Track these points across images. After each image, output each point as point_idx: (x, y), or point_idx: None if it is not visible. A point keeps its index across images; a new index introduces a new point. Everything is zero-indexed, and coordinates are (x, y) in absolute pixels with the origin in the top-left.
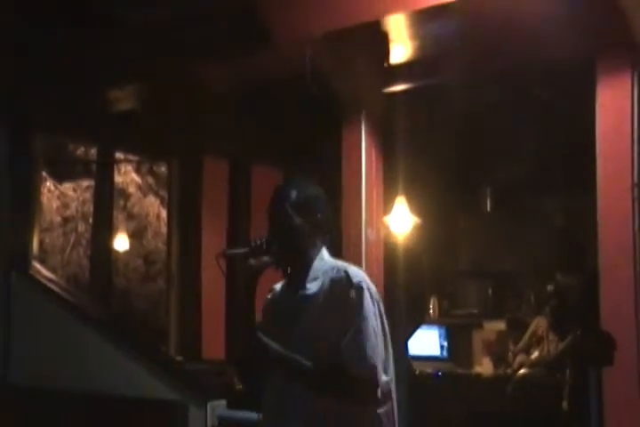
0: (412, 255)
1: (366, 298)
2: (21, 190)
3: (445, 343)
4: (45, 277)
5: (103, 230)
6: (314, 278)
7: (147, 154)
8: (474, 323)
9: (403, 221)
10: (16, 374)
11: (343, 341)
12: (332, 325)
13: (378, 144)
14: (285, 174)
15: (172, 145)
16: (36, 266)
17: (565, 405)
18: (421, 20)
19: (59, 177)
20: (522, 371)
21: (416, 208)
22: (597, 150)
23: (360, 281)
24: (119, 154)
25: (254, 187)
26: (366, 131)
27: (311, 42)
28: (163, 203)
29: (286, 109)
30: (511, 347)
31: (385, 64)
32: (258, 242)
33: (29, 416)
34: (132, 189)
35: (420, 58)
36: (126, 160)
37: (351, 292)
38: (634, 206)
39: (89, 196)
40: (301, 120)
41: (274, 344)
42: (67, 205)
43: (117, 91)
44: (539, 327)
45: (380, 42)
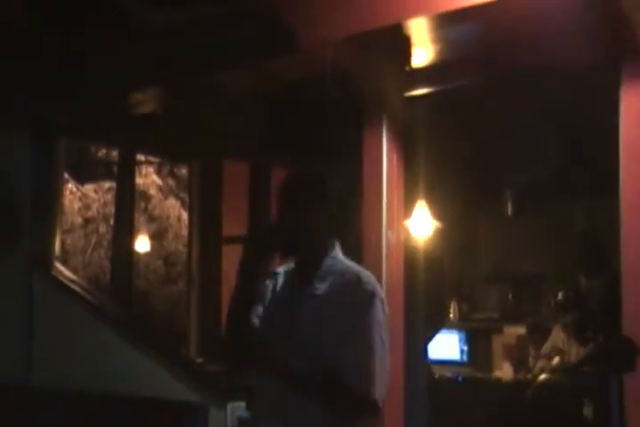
0: (432, 259)
1: (377, 307)
2: (44, 192)
3: (465, 348)
4: (67, 278)
5: (124, 232)
6: (323, 277)
7: (167, 156)
8: (494, 327)
9: (423, 224)
10: (37, 374)
11: (346, 350)
12: (337, 331)
13: (399, 148)
14: None
15: (192, 147)
16: (59, 267)
17: (586, 411)
18: (444, 24)
19: (80, 179)
20: (542, 376)
21: (436, 212)
22: (620, 152)
23: (372, 289)
24: (140, 156)
25: (274, 189)
26: (387, 134)
27: (332, 45)
28: (183, 205)
29: (307, 112)
30: (531, 352)
31: (407, 68)
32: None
33: (50, 417)
34: (152, 191)
35: (442, 61)
36: (147, 162)
37: (362, 299)
38: None
39: (110, 197)
40: (322, 123)
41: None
42: (88, 207)
43: (140, 93)
44: (558, 340)
45: (402, 45)
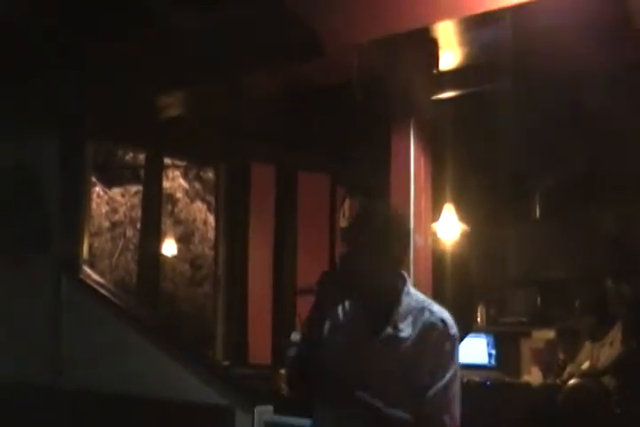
0: (460, 262)
1: (457, 349)
2: (72, 195)
3: (493, 352)
4: (95, 281)
5: (151, 235)
6: (404, 317)
7: (194, 160)
8: (522, 331)
9: (451, 228)
10: (66, 377)
11: (430, 391)
12: (421, 373)
13: (426, 151)
14: (332, 181)
15: (219, 151)
16: (86, 270)
17: (617, 415)
18: (471, 27)
19: (108, 182)
20: (572, 381)
21: (464, 215)
22: None
23: (455, 333)
24: (167, 160)
25: (301, 192)
26: (415, 138)
27: (359, 48)
28: (209, 208)
29: (334, 116)
30: (561, 356)
31: (434, 71)
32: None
33: (79, 419)
34: (179, 195)
35: (470, 65)
36: (174, 166)
37: (447, 344)
38: None
39: (137, 201)
40: (349, 126)
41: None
42: (115, 210)
43: (167, 97)
44: (589, 355)
45: (429, 48)
